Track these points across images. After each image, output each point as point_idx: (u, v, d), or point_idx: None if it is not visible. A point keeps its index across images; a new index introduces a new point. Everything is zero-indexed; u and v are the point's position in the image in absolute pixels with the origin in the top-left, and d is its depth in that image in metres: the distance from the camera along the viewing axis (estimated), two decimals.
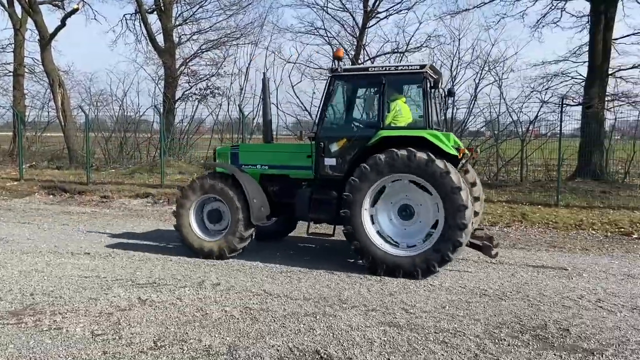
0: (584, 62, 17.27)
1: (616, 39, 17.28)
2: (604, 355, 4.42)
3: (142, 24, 22.55)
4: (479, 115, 17.36)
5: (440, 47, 20.23)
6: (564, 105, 14.04)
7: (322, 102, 7.54)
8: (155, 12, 22.55)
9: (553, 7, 18.28)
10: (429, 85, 7.12)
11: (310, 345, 4.59)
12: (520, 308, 5.69)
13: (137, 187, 15.52)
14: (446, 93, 8.23)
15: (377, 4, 21.63)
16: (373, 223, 7.08)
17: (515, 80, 42.30)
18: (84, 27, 51.51)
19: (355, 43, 21.27)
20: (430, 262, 6.62)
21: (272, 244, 8.91)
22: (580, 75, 17.60)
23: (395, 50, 20.31)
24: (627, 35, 18.00)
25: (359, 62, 20.36)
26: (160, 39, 22.19)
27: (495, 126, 17.28)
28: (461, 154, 7.05)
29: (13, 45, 25.74)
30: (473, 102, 17.48)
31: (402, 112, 7.50)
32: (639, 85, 17.01)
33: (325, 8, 21.79)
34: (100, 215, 12.24)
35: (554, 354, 4.46)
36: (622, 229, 10.16)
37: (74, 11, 22.01)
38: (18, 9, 23.87)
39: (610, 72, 16.65)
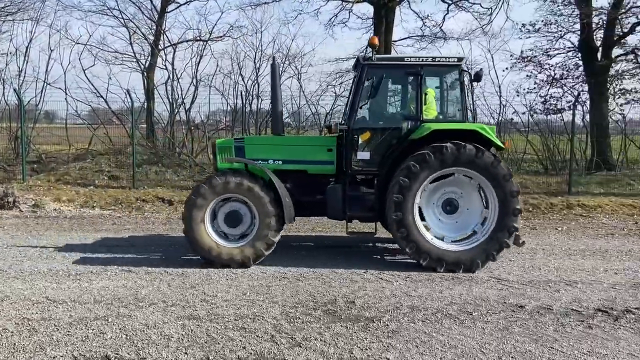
0: None
1: (395, 41, 19.68)
2: (381, 321, 4.99)
3: None
4: (283, 106, 18.02)
5: (243, 38, 20.40)
6: None
7: (354, 92, 7.11)
8: None
9: (342, 8, 19.96)
10: (467, 78, 7.07)
11: (99, 351, 4.24)
12: (314, 287, 6.10)
13: None
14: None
15: None
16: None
17: (313, 74, 45.27)
18: None
19: (155, 28, 20.17)
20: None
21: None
22: None
23: (198, 38, 19.81)
24: (404, 38, 20.83)
25: (159, 47, 19.41)
26: None
27: (297, 117, 18.18)
28: (506, 146, 7.17)
29: None
30: None
31: (432, 104, 7.35)
32: None
33: None
34: None
35: (341, 325, 4.88)
36: None
37: None
38: None
39: None
